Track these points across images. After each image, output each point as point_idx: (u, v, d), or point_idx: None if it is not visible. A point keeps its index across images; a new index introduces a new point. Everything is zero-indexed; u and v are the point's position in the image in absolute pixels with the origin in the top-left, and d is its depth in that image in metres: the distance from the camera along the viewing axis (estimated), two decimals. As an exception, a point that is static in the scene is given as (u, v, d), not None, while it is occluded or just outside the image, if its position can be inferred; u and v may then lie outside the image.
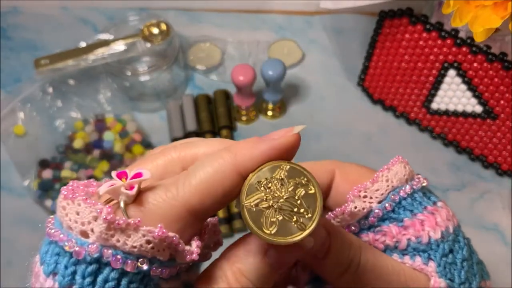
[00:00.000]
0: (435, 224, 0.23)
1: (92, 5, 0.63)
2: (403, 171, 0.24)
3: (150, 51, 0.53)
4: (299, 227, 0.18)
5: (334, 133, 0.54)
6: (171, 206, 0.18)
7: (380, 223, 0.23)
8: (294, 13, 0.63)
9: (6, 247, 0.47)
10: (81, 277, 0.18)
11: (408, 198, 0.23)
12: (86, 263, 0.17)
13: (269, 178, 0.19)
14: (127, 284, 0.18)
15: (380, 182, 0.23)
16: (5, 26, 0.62)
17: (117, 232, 0.17)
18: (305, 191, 0.19)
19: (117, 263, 0.17)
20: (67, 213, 0.18)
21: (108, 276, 0.18)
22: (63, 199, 0.19)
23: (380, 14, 0.49)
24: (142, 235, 0.17)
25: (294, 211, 0.18)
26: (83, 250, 0.17)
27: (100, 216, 0.17)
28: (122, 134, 0.53)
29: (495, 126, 0.48)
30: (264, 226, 0.18)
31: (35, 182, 0.49)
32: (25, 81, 0.56)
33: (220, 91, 0.55)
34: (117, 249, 0.17)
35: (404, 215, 0.23)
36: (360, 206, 0.23)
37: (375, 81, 0.54)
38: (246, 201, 0.18)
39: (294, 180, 0.19)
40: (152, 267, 0.18)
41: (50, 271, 0.18)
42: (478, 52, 0.45)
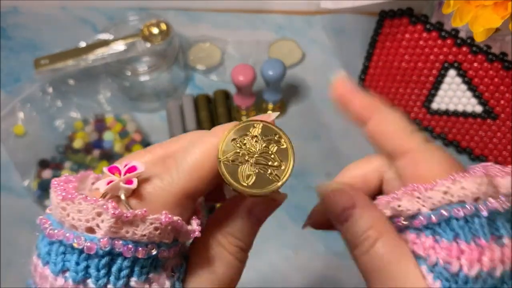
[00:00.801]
0: (476, 260, 0.20)
1: (92, 5, 0.63)
2: (474, 188, 0.20)
3: (150, 51, 0.53)
4: (273, 178, 0.20)
5: (334, 133, 0.54)
6: (169, 193, 0.20)
7: (424, 229, 0.22)
8: (294, 13, 0.63)
9: (6, 247, 0.47)
10: (95, 270, 0.18)
11: (461, 221, 0.20)
12: (99, 256, 0.18)
13: (243, 136, 0.20)
14: (140, 269, 0.19)
15: (436, 192, 0.21)
16: (5, 26, 0.62)
17: (125, 225, 0.19)
18: (277, 146, 0.20)
19: (129, 252, 0.19)
20: (69, 213, 0.19)
21: (122, 265, 0.19)
22: (61, 200, 0.19)
23: (380, 14, 0.49)
24: (150, 223, 0.19)
25: (268, 165, 0.20)
26: (94, 245, 0.18)
27: (108, 211, 0.18)
28: (122, 134, 0.53)
29: (495, 126, 0.48)
30: (241, 179, 0.20)
31: (35, 182, 0.50)
32: (25, 81, 0.56)
33: (220, 91, 0.55)
34: (126, 239, 0.19)
35: (446, 236, 0.21)
36: (406, 206, 0.22)
37: (375, 81, 0.54)
38: (223, 157, 0.20)
39: (267, 137, 0.20)
40: (160, 250, 0.19)
41: (59, 269, 0.19)
42: (478, 52, 0.45)
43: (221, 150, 0.20)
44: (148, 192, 0.20)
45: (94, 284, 0.19)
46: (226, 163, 0.20)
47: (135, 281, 0.19)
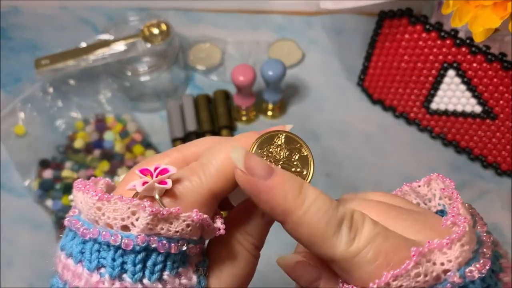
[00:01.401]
0: None
1: (92, 5, 0.63)
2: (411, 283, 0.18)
3: (150, 51, 0.53)
4: None
5: (334, 133, 0.54)
6: (198, 193, 0.21)
7: None
8: (294, 13, 0.63)
9: (6, 247, 0.47)
10: (132, 265, 0.20)
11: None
12: (135, 252, 0.20)
13: (269, 145, 0.22)
14: (171, 264, 0.21)
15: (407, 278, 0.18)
16: (5, 26, 0.62)
17: (160, 222, 0.20)
18: (299, 154, 0.23)
19: (163, 248, 0.20)
20: (104, 212, 0.20)
21: (156, 260, 0.20)
22: (97, 200, 0.20)
23: (380, 14, 0.49)
24: (183, 220, 0.20)
25: (292, 171, 0.22)
26: (131, 242, 0.20)
27: (145, 209, 0.20)
28: (123, 134, 0.53)
29: (494, 126, 0.49)
30: None
31: (36, 182, 0.50)
32: (25, 81, 0.56)
33: (220, 91, 0.55)
34: (160, 236, 0.20)
35: None
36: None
37: (375, 81, 0.54)
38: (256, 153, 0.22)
39: (290, 146, 0.23)
40: (189, 246, 0.21)
41: (95, 266, 0.20)
42: (477, 52, 0.45)
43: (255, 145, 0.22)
44: (180, 192, 0.21)
45: (130, 278, 0.20)
46: None
47: (167, 275, 0.20)
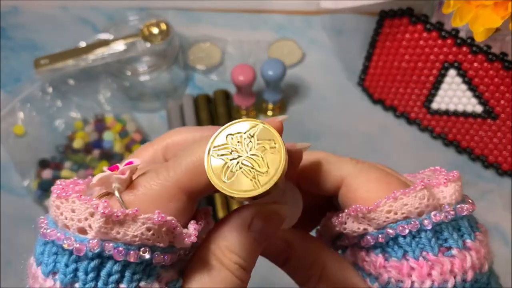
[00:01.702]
0: (426, 275, 0.20)
1: (92, 5, 0.63)
2: (416, 203, 0.20)
3: (150, 51, 0.53)
4: (254, 184, 0.18)
5: (334, 133, 0.54)
6: (164, 186, 0.19)
7: (372, 248, 0.22)
8: (294, 13, 0.62)
9: (6, 247, 0.47)
10: (83, 273, 0.18)
11: (407, 237, 0.20)
12: (88, 259, 0.18)
13: (240, 133, 0.19)
14: (130, 275, 0.18)
15: (379, 213, 0.21)
16: (5, 26, 0.62)
17: (116, 225, 0.18)
18: (271, 153, 0.18)
19: (119, 255, 0.18)
20: (62, 211, 0.18)
21: (111, 269, 0.18)
22: (56, 198, 0.19)
23: (380, 14, 0.49)
24: (142, 223, 0.18)
25: (254, 168, 0.18)
26: (83, 247, 0.17)
27: (97, 211, 0.17)
28: (122, 134, 0.53)
29: (495, 126, 0.48)
30: (222, 176, 0.18)
31: (35, 182, 0.49)
32: (25, 81, 0.56)
33: (220, 91, 0.55)
34: (117, 242, 0.18)
35: (395, 254, 0.21)
36: (351, 228, 0.22)
37: (375, 81, 0.54)
38: (213, 149, 0.19)
39: (264, 141, 0.19)
40: (154, 255, 0.18)
41: (49, 270, 0.18)
42: (478, 52, 0.45)
43: (212, 141, 0.19)
44: (143, 186, 0.19)
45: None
46: (213, 156, 0.19)
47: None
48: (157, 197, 0.19)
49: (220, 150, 0.19)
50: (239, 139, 0.19)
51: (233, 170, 0.18)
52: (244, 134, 0.19)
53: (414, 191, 0.20)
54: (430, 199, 0.21)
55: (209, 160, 0.19)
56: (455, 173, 0.22)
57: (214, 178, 0.18)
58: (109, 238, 0.18)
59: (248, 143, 0.19)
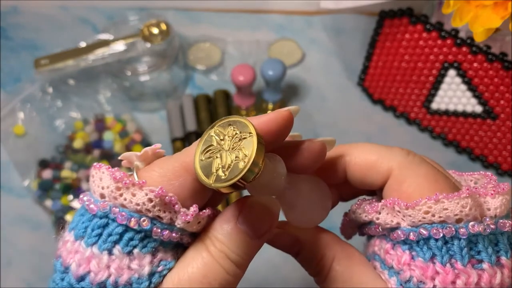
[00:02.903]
0: (450, 283, 0.20)
1: (92, 5, 0.63)
2: (457, 210, 0.20)
3: (150, 51, 0.53)
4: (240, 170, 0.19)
5: (334, 133, 0.54)
6: (172, 166, 0.21)
7: (401, 242, 0.22)
8: (294, 13, 0.62)
9: (6, 247, 0.47)
10: (91, 229, 0.20)
11: (439, 241, 0.20)
12: (97, 217, 0.20)
13: (221, 133, 0.20)
14: (128, 239, 0.20)
15: (417, 211, 0.20)
16: (5, 26, 0.62)
17: (125, 192, 0.20)
18: (246, 142, 0.19)
19: (122, 219, 0.20)
20: (94, 180, 0.21)
21: (113, 231, 0.20)
22: (92, 169, 0.21)
23: (380, 14, 0.49)
24: (145, 193, 0.20)
25: (234, 161, 0.19)
26: (96, 207, 0.20)
27: (112, 177, 0.20)
28: (122, 134, 0.53)
29: (495, 126, 0.48)
30: (211, 175, 0.19)
31: (35, 182, 0.49)
32: (25, 81, 0.56)
33: (220, 91, 0.55)
34: (124, 208, 0.20)
35: (423, 255, 0.20)
36: (385, 219, 0.22)
37: (375, 81, 0.54)
38: (200, 154, 0.20)
39: (241, 134, 0.20)
40: (153, 227, 0.20)
41: (73, 227, 0.21)
42: (478, 52, 0.45)
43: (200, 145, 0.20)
44: (156, 165, 0.21)
45: (84, 243, 0.20)
46: (201, 159, 0.20)
47: (118, 250, 0.20)
48: (164, 174, 0.20)
49: (206, 152, 0.20)
50: (221, 137, 0.20)
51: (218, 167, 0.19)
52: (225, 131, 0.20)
53: (458, 198, 0.20)
54: (472, 208, 0.20)
55: (197, 164, 0.20)
56: (506, 185, 0.22)
57: (204, 179, 0.19)
58: (118, 203, 0.20)
59: (229, 138, 0.20)
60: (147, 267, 0.20)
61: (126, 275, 0.20)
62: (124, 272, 0.20)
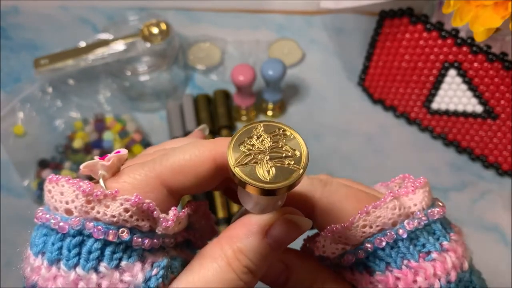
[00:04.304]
0: (412, 282, 0.20)
1: (92, 5, 0.63)
2: (388, 214, 0.21)
3: (150, 51, 0.53)
4: (293, 167, 0.19)
5: (334, 133, 0.54)
6: (146, 177, 0.20)
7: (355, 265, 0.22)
8: (294, 13, 0.62)
9: (6, 247, 0.47)
10: (67, 250, 0.18)
11: (386, 249, 0.21)
12: (71, 236, 0.18)
13: (248, 139, 0.19)
14: (110, 254, 0.19)
15: (355, 229, 0.21)
16: (5, 26, 0.62)
17: (96, 204, 0.18)
18: (285, 138, 0.19)
19: (99, 233, 0.18)
20: (53, 195, 0.19)
21: (92, 247, 0.18)
22: (48, 183, 0.20)
23: (381, 14, 0.49)
24: (120, 203, 0.19)
25: (283, 156, 0.19)
26: (66, 225, 0.18)
27: (79, 190, 0.18)
28: (122, 134, 0.53)
29: (495, 126, 0.48)
30: (262, 178, 0.18)
31: (35, 182, 0.49)
32: (24, 81, 0.56)
33: (220, 91, 0.55)
34: (98, 221, 0.19)
35: (378, 268, 0.21)
36: (330, 249, 0.22)
37: (375, 81, 0.54)
38: (235, 162, 0.19)
39: (272, 133, 0.19)
40: (133, 237, 0.19)
41: (39, 251, 0.19)
42: (478, 52, 0.45)
43: (231, 157, 0.19)
44: (126, 175, 0.20)
45: (65, 266, 0.18)
46: (241, 168, 0.18)
47: (104, 266, 0.18)
48: (138, 186, 0.19)
49: (243, 160, 0.19)
50: (252, 143, 0.19)
51: (267, 168, 0.19)
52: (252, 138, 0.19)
53: (384, 203, 0.21)
54: (401, 208, 0.21)
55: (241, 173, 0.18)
56: (421, 179, 0.23)
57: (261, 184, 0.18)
58: (91, 217, 0.18)
59: (262, 141, 0.19)
60: (140, 274, 0.19)
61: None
62: (119, 286, 0.19)
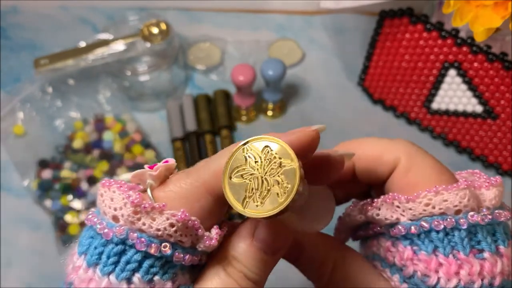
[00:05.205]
0: (454, 274, 0.20)
1: (92, 5, 0.63)
2: (456, 201, 0.20)
3: (150, 51, 0.53)
4: (279, 199, 0.18)
5: (334, 133, 0.54)
6: (192, 186, 0.19)
7: (401, 238, 0.22)
8: (294, 13, 0.62)
9: (6, 247, 0.47)
10: (106, 256, 0.19)
11: (440, 233, 0.20)
12: (113, 243, 0.19)
13: (256, 153, 0.18)
14: (148, 267, 0.19)
15: (418, 203, 0.21)
16: (5, 26, 0.62)
17: (143, 216, 0.18)
18: (287, 170, 0.18)
19: (141, 245, 0.18)
20: (104, 199, 0.20)
21: (131, 258, 0.18)
22: (101, 187, 0.20)
23: (381, 13, 0.49)
24: (166, 218, 0.18)
25: (271, 188, 0.18)
26: (111, 232, 0.18)
27: (128, 200, 0.18)
28: (122, 134, 0.53)
29: (495, 126, 0.48)
30: (243, 200, 0.18)
31: (35, 182, 0.49)
32: (24, 81, 0.56)
33: (220, 91, 0.55)
34: (142, 233, 0.18)
35: (425, 248, 0.21)
36: (384, 215, 0.22)
37: (375, 81, 0.54)
38: (232, 174, 0.18)
39: (279, 159, 0.18)
40: (175, 252, 0.19)
41: (83, 251, 0.19)
42: (478, 52, 0.45)
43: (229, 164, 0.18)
44: (173, 184, 0.20)
45: (100, 271, 0.19)
46: (232, 180, 0.18)
47: (138, 278, 0.18)
48: (184, 196, 0.19)
49: (239, 172, 0.18)
50: (256, 159, 0.18)
51: (251, 193, 0.18)
52: (261, 153, 0.18)
53: (456, 189, 0.20)
54: (470, 199, 0.21)
55: (227, 185, 0.18)
56: (497, 178, 0.22)
57: (236, 204, 0.18)
58: (136, 228, 0.18)
59: (264, 162, 0.18)
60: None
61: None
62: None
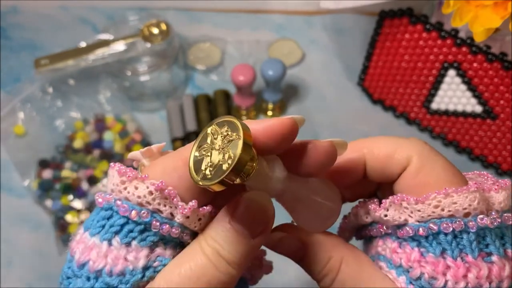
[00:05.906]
0: (461, 277, 0.20)
1: (92, 5, 0.63)
2: (466, 204, 0.20)
3: (150, 51, 0.53)
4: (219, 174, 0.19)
5: (334, 133, 0.54)
6: (173, 161, 0.21)
7: (409, 239, 0.21)
8: (294, 13, 0.63)
9: (6, 247, 0.47)
10: (96, 220, 0.21)
11: (449, 236, 0.20)
12: (103, 210, 0.21)
13: (216, 131, 0.20)
14: (127, 231, 0.21)
15: (426, 206, 0.20)
16: (5, 26, 0.62)
17: (128, 185, 0.21)
18: (234, 143, 0.19)
19: (124, 211, 0.20)
20: (109, 178, 0.22)
21: (115, 222, 0.21)
22: (109, 168, 0.22)
23: (380, 14, 0.49)
24: (146, 187, 0.20)
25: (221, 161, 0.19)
26: (103, 200, 0.21)
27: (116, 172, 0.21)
28: (122, 134, 0.53)
29: (495, 126, 0.48)
30: (200, 172, 0.20)
31: (35, 182, 0.49)
32: (25, 81, 0.56)
33: (220, 91, 0.55)
34: (128, 201, 0.21)
35: (433, 250, 0.20)
36: (392, 216, 0.22)
37: (375, 81, 0.54)
38: (196, 150, 0.20)
39: (231, 134, 0.19)
40: (152, 220, 0.20)
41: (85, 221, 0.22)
42: (478, 52, 0.45)
43: (197, 142, 0.20)
44: (160, 160, 0.22)
45: (89, 234, 0.21)
46: (195, 156, 0.20)
47: (117, 241, 0.20)
48: (166, 169, 0.21)
49: (203, 148, 0.20)
50: (215, 136, 0.20)
51: (207, 165, 0.20)
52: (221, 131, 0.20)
53: (467, 192, 0.20)
54: (480, 202, 0.20)
55: (191, 161, 0.20)
56: (507, 181, 0.22)
57: (192, 172, 0.20)
58: (123, 196, 0.21)
59: (221, 138, 0.20)
60: (142, 260, 0.21)
61: (120, 265, 0.20)
62: (119, 262, 0.20)
